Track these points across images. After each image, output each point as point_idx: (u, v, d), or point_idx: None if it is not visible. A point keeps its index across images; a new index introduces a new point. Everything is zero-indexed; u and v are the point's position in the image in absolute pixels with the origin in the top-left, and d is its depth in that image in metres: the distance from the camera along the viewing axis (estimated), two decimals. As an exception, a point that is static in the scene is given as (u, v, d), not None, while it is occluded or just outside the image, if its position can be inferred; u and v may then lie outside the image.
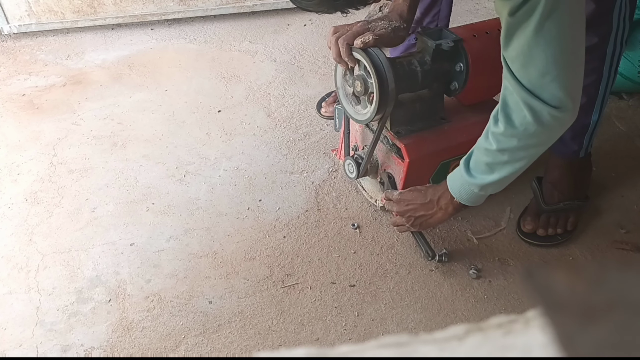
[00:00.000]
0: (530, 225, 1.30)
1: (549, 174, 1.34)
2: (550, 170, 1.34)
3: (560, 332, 0.22)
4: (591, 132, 1.27)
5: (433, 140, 1.23)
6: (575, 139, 1.28)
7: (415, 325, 1.15)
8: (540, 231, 1.29)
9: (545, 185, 1.33)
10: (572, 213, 1.31)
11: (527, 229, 1.30)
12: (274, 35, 2.01)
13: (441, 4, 1.50)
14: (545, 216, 1.30)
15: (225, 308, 1.18)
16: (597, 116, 1.24)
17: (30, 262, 1.28)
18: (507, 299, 1.18)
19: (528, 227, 1.30)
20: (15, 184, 1.48)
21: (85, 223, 1.37)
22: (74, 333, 1.14)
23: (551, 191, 1.32)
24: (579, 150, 1.29)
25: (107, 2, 2.02)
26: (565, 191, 1.31)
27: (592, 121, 1.24)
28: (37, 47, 2.00)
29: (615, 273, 0.24)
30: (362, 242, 1.30)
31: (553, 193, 1.31)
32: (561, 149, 1.31)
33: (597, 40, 1.14)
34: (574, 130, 1.26)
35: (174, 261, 1.27)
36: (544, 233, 1.29)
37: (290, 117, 1.66)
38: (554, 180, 1.32)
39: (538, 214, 1.31)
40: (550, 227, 1.29)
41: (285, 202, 1.40)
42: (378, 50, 1.14)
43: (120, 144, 1.59)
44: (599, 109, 1.23)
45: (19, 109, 1.73)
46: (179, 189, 1.45)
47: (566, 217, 1.30)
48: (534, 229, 1.29)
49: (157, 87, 1.80)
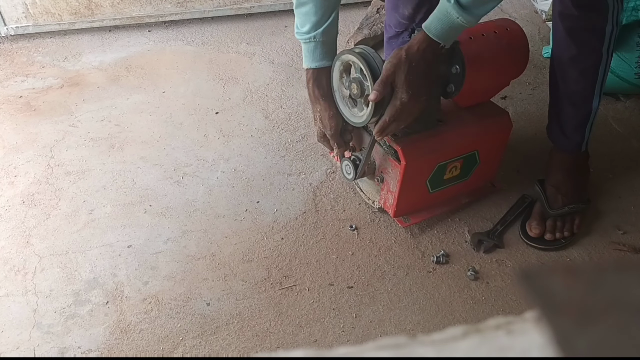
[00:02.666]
0: (537, 229, 1.29)
1: (551, 176, 1.34)
2: (552, 172, 1.34)
3: (558, 333, 0.22)
4: (591, 121, 1.28)
5: (430, 142, 1.23)
6: (578, 129, 1.28)
7: (413, 326, 1.15)
8: (547, 235, 1.28)
9: (548, 189, 1.33)
10: (577, 215, 1.31)
11: (535, 233, 1.29)
12: (272, 37, 2.01)
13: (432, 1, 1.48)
14: (551, 220, 1.29)
15: (223, 310, 1.18)
16: (597, 102, 1.25)
17: (27, 264, 1.28)
18: (505, 300, 1.19)
19: (535, 232, 1.29)
20: (12, 186, 1.47)
21: (83, 225, 1.36)
22: (71, 335, 1.14)
23: (555, 195, 1.31)
24: (581, 142, 1.30)
25: (105, 4, 2.01)
26: (568, 194, 1.31)
27: (593, 108, 1.25)
28: (35, 48, 2.00)
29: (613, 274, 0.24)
30: (360, 244, 1.30)
31: (557, 197, 1.31)
32: (564, 143, 1.31)
33: (596, 19, 1.15)
34: (577, 120, 1.27)
35: (171, 263, 1.27)
36: (552, 237, 1.28)
37: (287, 119, 1.66)
38: (557, 183, 1.32)
39: (544, 218, 1.30)
40: (558, 231, 1.28)
41: (283, 204, 1.40)
42: (373, 52, 1.14)
43: (118, 146, 1.59)
44: (599, 94, 1.23)
45: (16, 111, 1.73)
46: (176, 191, 1.45)
47: (572, 220, 1.30)
48: (541, 233, 1.29)
49: (154, 88, 1.80)
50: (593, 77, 1.21)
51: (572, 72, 1.23)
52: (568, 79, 1.24)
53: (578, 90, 1.25)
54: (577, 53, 1.20)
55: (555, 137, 1.34)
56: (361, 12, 2.05)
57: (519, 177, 1.45)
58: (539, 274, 0.24)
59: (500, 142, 1.35)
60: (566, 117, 1.29)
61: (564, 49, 1.22)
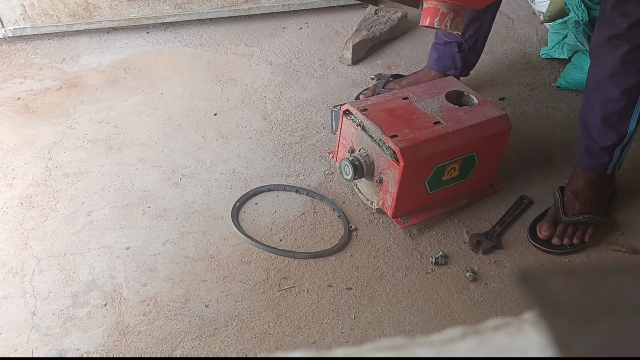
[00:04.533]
0: (547, 232, 1.28)
1: (572, 183, 1.31)
2: (574, 180, 1.31)
3: (557, 334, 0.22)
4: (625, 144, 1.23)
5: (428, 143, 1.23)
6: (606, 150, 1.24)
7: (412, 327, 1.15)
8: (555, 240, 1.27)
9: (567, 194, 1.31)
10: (592, 226, 1.29)
11: (544, 235, 1.28)
12: (270, 38, 2.01)
13: (484, 18, 1.50)
14: (562, 226, 1.28)
15: (222, 312, 1.18)
16: (634, 125, 1.20)
17: (25, 266, 1.27)
18: (504, 301, 1.19)
19: (544, 234, 1.28)
20: (10, 188, 1.47)
21: (81, 227, 1.36)
22: (69, 337, 1.14)
23: (572, 201, 1.29)
24: (608, 163, 1.26)
25: (103, 5, 2.01)
26: (587, 203, 1.29)
27: (629, 131, 1.21)
28: (33, 50, 2.00)
29: (611, 275, 0.24)
30: (359, 245, 1.30)
31: (574, 203, 1.29)
32: (588, 162, 1.28)
33: None
34: (610, 140, 1.22)
35: (170, 265, 1.27)
36: (559, 242, 1.27)
37: (286, 120, 1.66)
38: (577, 191, 1.30)
39: (556, 222, 1.29)
40: (566, 237, 1.27)
41: (281, 205, 1.40)
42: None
43: (116, 148, 1.58)
44: (637, 117, 1.19)
45: (14, 113, 1.73)
46: (175, 193, 1.44)
47: (584, 229, 1.28)
48: (550, 236, 1.28)
49: (152, 90, 1.79)
50: (634, 98, 1.17)
51: (615, 93, 1.18)
52: (609, 100, 1.19)
53: (616, 111, 1.20)
54: (620, 72, 1.16)
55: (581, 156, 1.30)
56: (359, 13, 2.05)
57: (518, 178, 1.45)
58: (538, 274, 0.24)
59: (499, 144, 1.35)
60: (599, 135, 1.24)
61: (604, 69, 1.17)
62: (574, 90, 1.71)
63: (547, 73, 1.83)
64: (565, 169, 1.44)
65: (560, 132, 1.56)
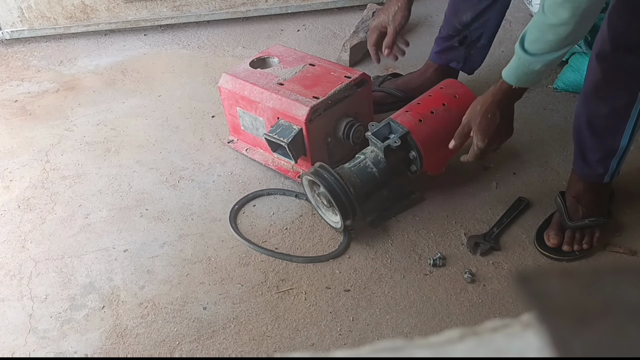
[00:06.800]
0: (556, 239, 1.27)
1: (572, 187, 1.30)
2: (573, 184, 1.31)
3: (555, 335, 0.22)
4: (619, 156, 1.23)
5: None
6: (601, 161, 1.24)
7: (410, 329, 1.15)
8: (565, 247, 1.26)
9: (568, 199, 1.30)
10: (598, 229, 1.28)
11: (552, 243, 1.27)
12: (268, 40, 2.01)
13: (491, 13, 1.50)
14: (570, 232, 1.27)
15: (220, 314, 1.18)
16: (626, 141, 1.20)
17: (23, 269, 1.27)
18: (502, 303, 1.19)
19: (553, 242, 1.27)
20: (7, 191, 1.47)
21: (79, 229, 1.36)
22: (67, 340, 1.13)
23: (575, 206, 1.28)
24: (604, 174, 1.26)
25: (100, 7, 2.01)
26: (589, 206, 1.28)
27: (621, 146, 1.20)
28: (30, 53, 2.00)
29: (609, 277, 0.24)
30: (357, 247, 1.30)
31: (577, 208, 1.28)
32: (584, 171, 1.27)
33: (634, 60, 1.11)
34: (601, 152, 1.23)
35: (167, 267, 1.27)
36: (569, 249, 1.26)
37: (284, 122, 1.66)
38: (578, 195, 1.29)
39: (562, 229, 1.28)
40: (576, 243, 1.26)
41: (279, 208, 1.40)
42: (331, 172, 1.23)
43: (114, 150, 1.58)
44: (629, 134, 1.19)
45: (12, 115, 1.72)
46: (172, 195, 1.44)
47: (592, 233, 1.27)
48: (559, 243, 1.27)
49: (150, 92, 1.79)
50: (623, 116, 1.17)
51: (602, 110, 1.18)
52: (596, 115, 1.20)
53: (607, 125, 1.20)
54: (610, 92, 1.16)
55: (576, 162, 1.30)
56: (357, 15, 2.05)
57: (515, 179, 1.45)
58: (536, 276, 0.24)
59: None
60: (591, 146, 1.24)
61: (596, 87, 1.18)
62: (571, 92, 1.71)
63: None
64: (562, 171, 1.44)
65: (557, 134, 1.56)
